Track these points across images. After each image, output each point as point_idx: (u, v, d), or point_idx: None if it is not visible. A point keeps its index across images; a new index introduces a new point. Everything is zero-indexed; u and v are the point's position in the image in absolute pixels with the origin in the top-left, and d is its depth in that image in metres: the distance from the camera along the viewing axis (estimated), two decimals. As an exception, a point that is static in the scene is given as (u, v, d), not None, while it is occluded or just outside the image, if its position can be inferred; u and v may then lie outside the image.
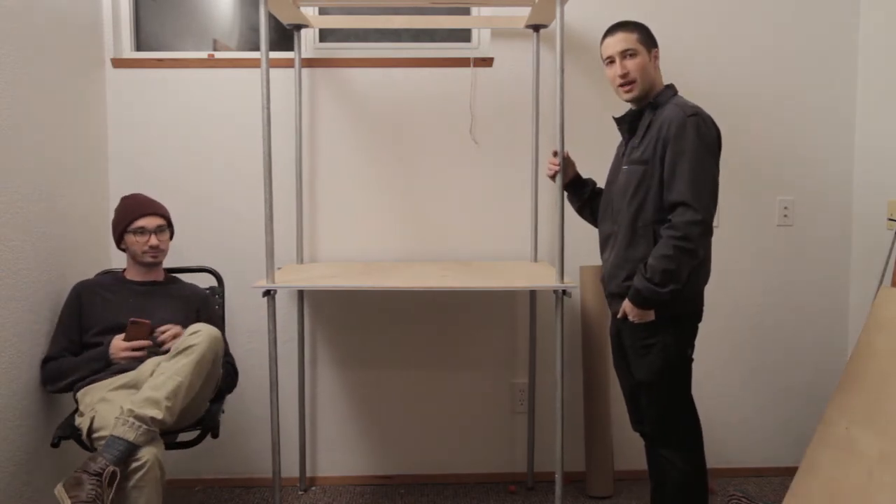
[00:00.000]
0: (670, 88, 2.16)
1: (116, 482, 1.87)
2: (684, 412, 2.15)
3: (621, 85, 2.13)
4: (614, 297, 2.17)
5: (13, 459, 2.17)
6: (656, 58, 2.15)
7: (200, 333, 2.11)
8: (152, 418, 1.96)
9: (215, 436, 2.26)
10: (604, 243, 2.24)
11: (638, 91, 2.12)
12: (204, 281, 2.67)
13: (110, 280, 2.46)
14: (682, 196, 1.97)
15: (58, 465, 2.40)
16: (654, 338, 2.08)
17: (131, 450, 1.92)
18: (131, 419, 1.94)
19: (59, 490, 1.84)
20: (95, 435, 2.01)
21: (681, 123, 2.00)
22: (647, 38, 2.13)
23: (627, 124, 2.18)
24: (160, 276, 2.50)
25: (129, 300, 2.38)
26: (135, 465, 1.92)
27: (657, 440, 2.17)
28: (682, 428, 2.14)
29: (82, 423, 2.11)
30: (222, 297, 2.70)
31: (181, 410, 2.06)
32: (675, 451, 2.13)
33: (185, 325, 2.30)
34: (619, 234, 2.13)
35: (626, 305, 2.08)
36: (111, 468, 1.86)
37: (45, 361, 2.32)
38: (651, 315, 2.05)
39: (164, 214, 2.46)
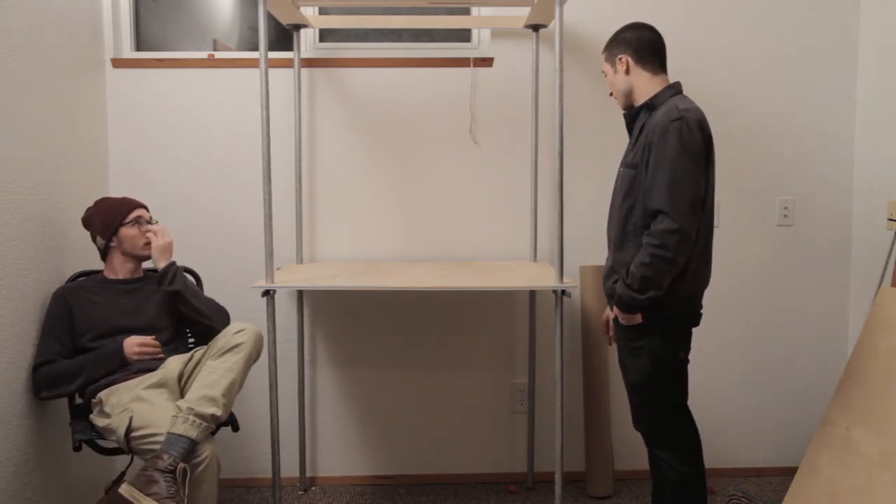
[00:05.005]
0: (671, 88, 2.10)
1: (188, 478, 1.90)
2: (677, 414, 2.14)
3: None
4: (610, 298, 2.18)
5: (13, 459, 2.17)
6: (621, 62, 2.12)
7: (246, 332, 2.17)
8: (212, 415, 2.00)
9: (235, 429, 2.28)
10: (608, 243, 2.24)
11: (620, 103, 2.20)
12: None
13: (92, 283, 2.38)
14: (659, 204, 1.95)
15: (57, 465, 2.40)
16: (643, 340, 2.08)
17: (193, 447, 1.96)
18: (192, 417, 1.97)
19: (130, 490, 1.83)
20: (138, 433, 2.02)
21: (664, 129, 1.96)
22: (610, 50, 2.16)
23: (628, 124, 2.19)
24: (141, 273, 2.46)
25: (120, 301, 2.35)
26: (195, 460, 1.97)
27: (652, 441, 2.17)
28: (675, 429, 2.14)
29: (113, 423, 2.09)
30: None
31: None
32: (671, 452, 2.13)
33: (172, 319, 2.37)
34: (613, 236, 2.14)
35: (614, 308, 2.10)
36: (182, 465, 1.89)
37: (38, 367, 2.24)
38: (638, 318, 2.05)
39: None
